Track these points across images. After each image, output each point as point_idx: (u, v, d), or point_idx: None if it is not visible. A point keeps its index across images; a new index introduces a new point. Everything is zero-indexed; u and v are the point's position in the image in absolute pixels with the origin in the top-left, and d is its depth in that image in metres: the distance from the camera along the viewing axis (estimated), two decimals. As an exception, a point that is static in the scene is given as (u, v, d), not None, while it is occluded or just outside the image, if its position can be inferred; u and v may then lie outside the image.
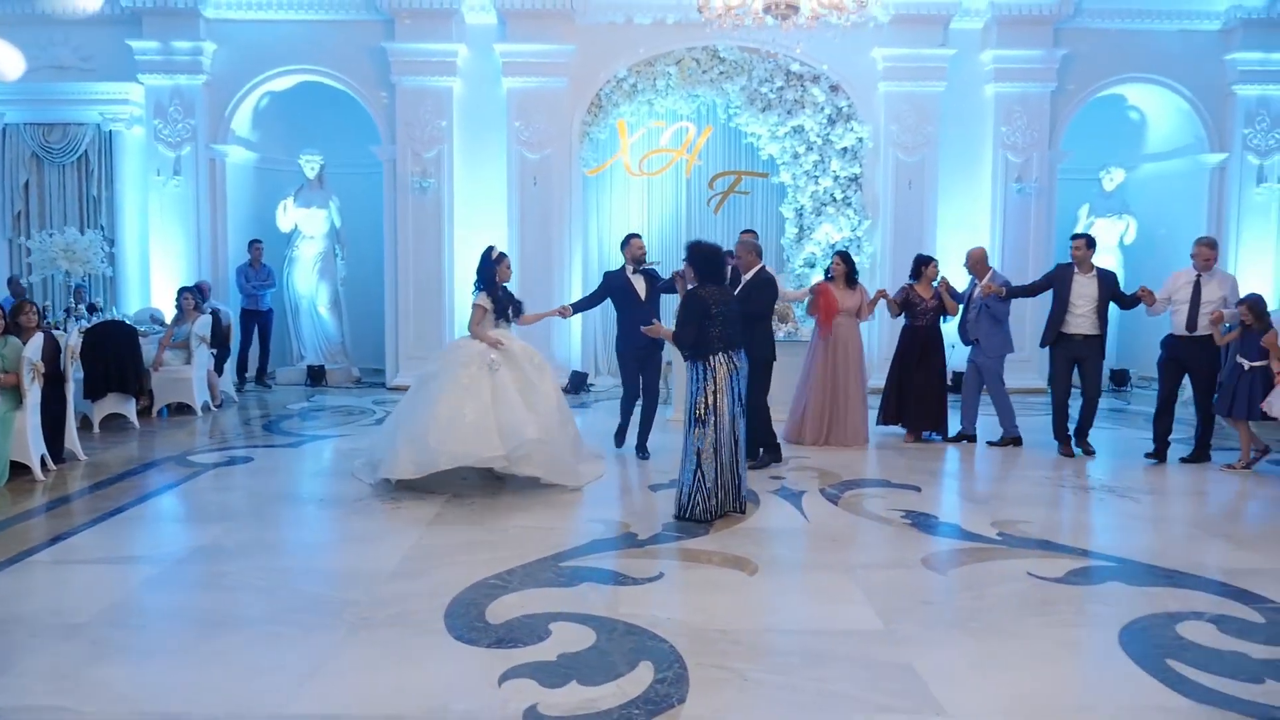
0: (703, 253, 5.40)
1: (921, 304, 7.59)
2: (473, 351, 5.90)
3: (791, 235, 10.77)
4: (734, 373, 5.27)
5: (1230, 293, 6.75)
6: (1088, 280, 7.09)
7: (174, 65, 10.24)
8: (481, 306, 6.06)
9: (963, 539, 4.97)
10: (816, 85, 10.46)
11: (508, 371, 5.85)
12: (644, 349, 6.75)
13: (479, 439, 5.57)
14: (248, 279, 10.57)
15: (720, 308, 5.26)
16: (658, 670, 3.34)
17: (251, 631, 3.71)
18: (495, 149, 10.55)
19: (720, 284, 5.42)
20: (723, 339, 5.26)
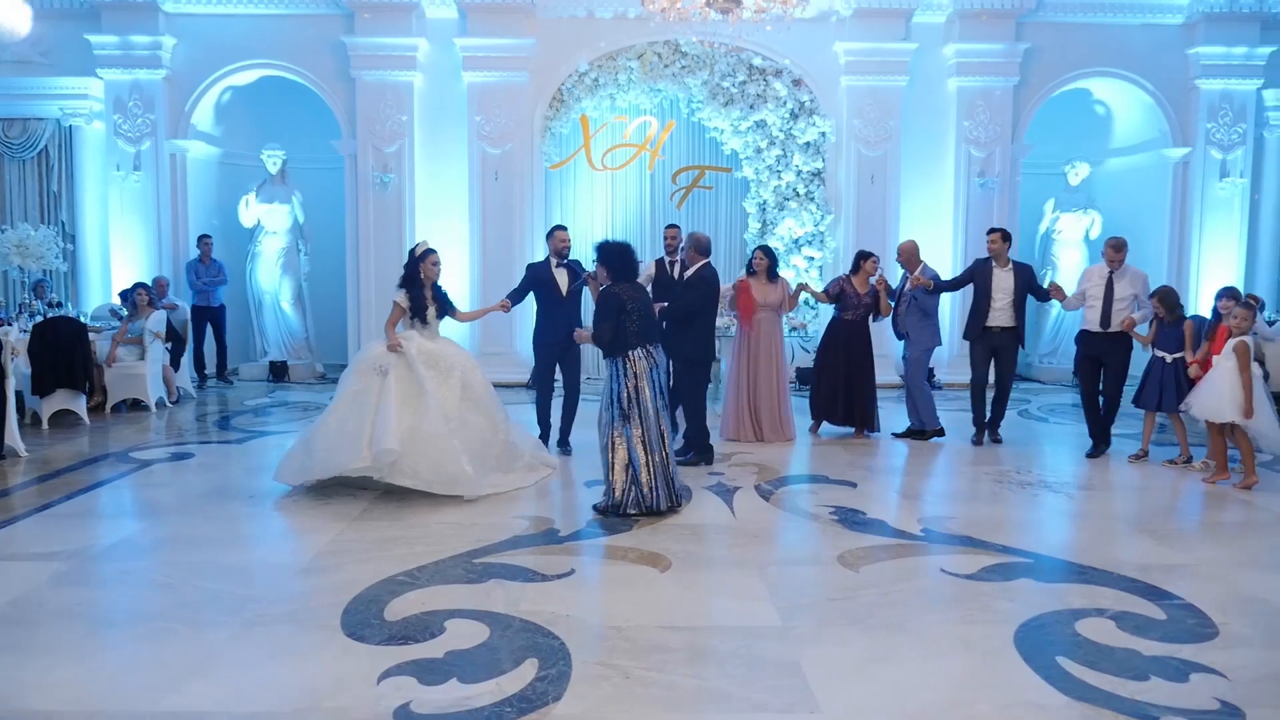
0: (613, 251, 5.44)
1: (855, 299, 7.56)
2: (372, 356, 5.75)
3: (755, 230, 10.74)
4: (653, 367, 5.29)
5: (1141, 289, 6.84)
6: (1005, 274, 7.22)
7: (133, 60, 10.20)
8: (399, 305, 5.89)
9: (886, 535, 4.96)
10: (779, 80, 10.43)
11: (399, 375, 5.63)
12: (561, 342, 6.71)
13: (350, 448, 5.40)
14: (198, 275, 10.51)
15: (634, 304, 5.30)
16: (541, 668, 3.33)
17: (144, 628, 3.70)
18: (457, 144, 10.52)
19: (632, 280, 5.44)
20: (639, 334, 5.28)
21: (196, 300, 10.53)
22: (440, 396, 5.61)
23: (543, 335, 6.90)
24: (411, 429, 5.47)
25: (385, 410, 5.45)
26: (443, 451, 5.47)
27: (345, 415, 5.53)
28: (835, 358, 7.57)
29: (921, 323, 7.51)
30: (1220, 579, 4.33)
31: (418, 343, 5.77)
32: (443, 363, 5.76)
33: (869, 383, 7.58)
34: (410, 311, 5.85)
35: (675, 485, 5.36)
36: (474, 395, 5.80)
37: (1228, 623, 3.76)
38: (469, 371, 5.86)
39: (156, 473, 6.42)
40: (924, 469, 6.77)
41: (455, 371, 5.77)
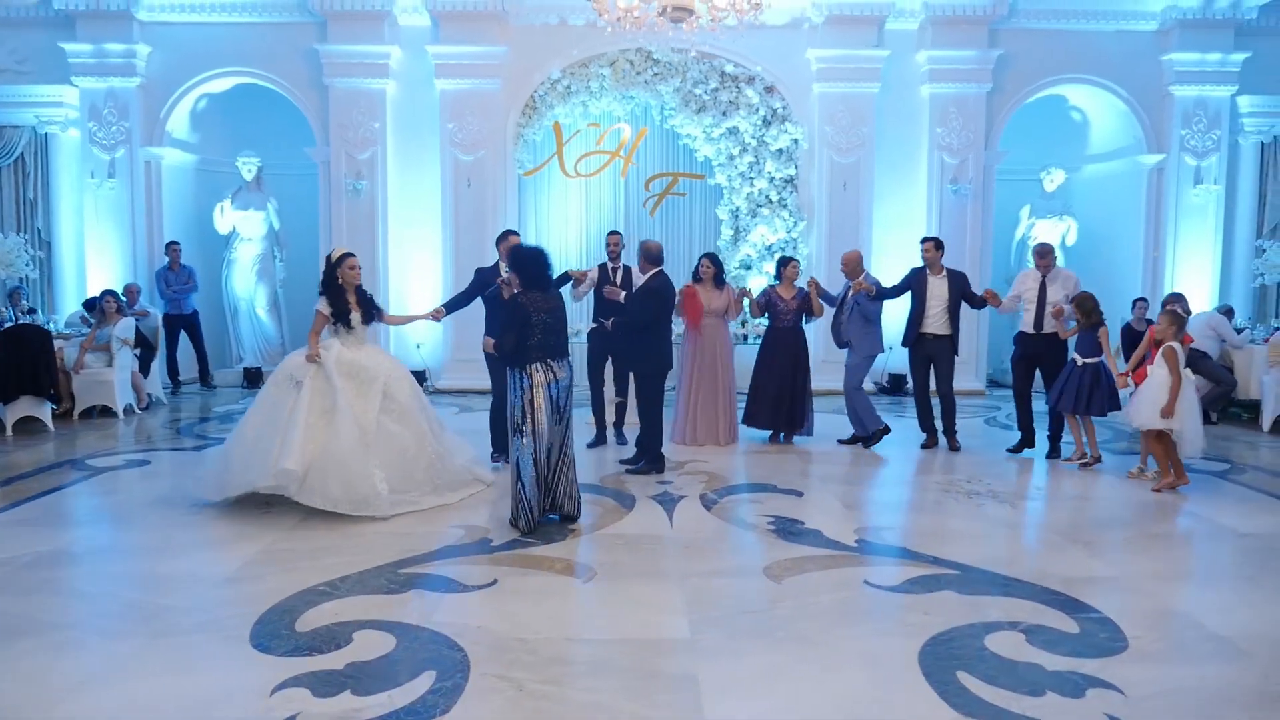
0: (525, 257, 5.27)
1: (783, 305, 7.63)
2: (289, 366, 5.63)
3: (728, 237, 10.74)
4: (552, 382, 5.17)
5: (1073, 291, 7.02)
6: (939, 281, 7.35)
7: (107, 68, 10.27)
8: (321, 314, 5.72)
9: (819, 546, 4.94)
10: (751, 87, 10.44)
11: (315, 387, 5.46)
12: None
13: (260, 465, 5.28)
14: (168, 283, 10.54)
15: (540, 315, 5.16)
16: (438, 680, 3.33)
17: (53, 638, 3.71)
18: (429, 150, 10.55)
19: (544, 290, 5.27)
20: (541, 348, 5.16)
21: (168, 308, 10.56)
22: (357, 409, 5.46)
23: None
24: (323, 446, 5.31)
25: (293, 426, 5.30)
26: (353, 470, 5.30)
27: (259, 429, 5.44)
28: (771, 366, 7.61)
29: (864, 329, 7.53)
30: (1144, 592, 4.31)
31: (337, 351, 5.61)
32: (363, 373, 5.60)
33: (803, 387, 7.65)
34: (333, 318, 5.71)
35: (573, 499, 5.31)
36: (397, 406, 5.63)
37: (1139, 637, 3.74)
38: (393, 381, 5.69)
39: (107, 480, 6.44)
40: (873, 478, 6.75)
41: (376, 382, 5.60)
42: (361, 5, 10.14)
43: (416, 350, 10.53)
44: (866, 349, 7.56)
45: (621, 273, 7.36)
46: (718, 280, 7.53)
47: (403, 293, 10.60)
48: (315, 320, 5.74)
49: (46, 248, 10.69)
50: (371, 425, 5.47)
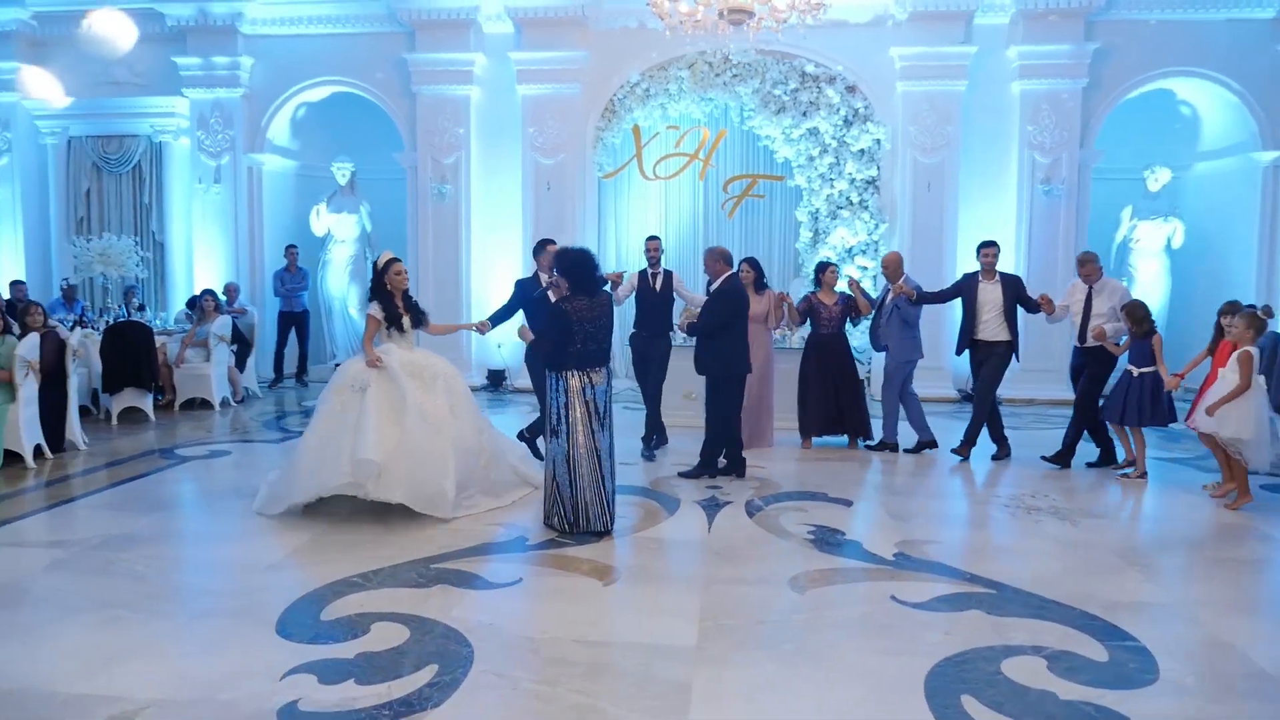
0: (570, 261, 5.20)
1: (825, 311, 7.55)
2: (351, 373, 5.61)
3: (806, 239, 10.59)
4: (587, 387, 5.10)
5: (1120, 301, 6.79)
6: (992, 287, 7.18)
7: (214, 79, 10.91)
8: (374, 318, 5.74)
9: (853, 558, 4.83)
10: (832, 86, 10.25)
11: (380, 389, 5.47)
12: None
13: (330, 467, 5.29)
14: (283, 282, 11.14)
15: (583, 325, 5.08)
16: (439, 674, 3.43)
17: (100, 615, 3.99)
18: (511, 155, 10.78)
19: (592, 295, 5.17)
20: (580, 356, 5.09)
21: (283, 305, 11.17)
22: (427, 405, 5.49)
23: (535, 353, 6.51)
24: (397, 442, 5.33)
25: (364, 424, 5.32)
26: (426, 467, 5.35)
27: (325, 435, 5.43)
28: (815, 373, 7.52)
29: (902, 334, 7.38)
30: (1195, 621, 4.05)
31: (398, 355, 5.66)
32: (426, 372, 5.66)
33: (857, 392, 7.54)
34: (385, 322, 5.76)
35: (608, 511, 5.14)
36: (458, 405, 5.69)
37: (1174, 669, 3.52)
38: (452, 380, 5.78)
39: (189, 469, 6.86)
40: (932, 490, 6.53)
41: (439, 380, 5.67)
42: (447, 15, 10.45)
43: (498, 350, 10.77)
44: (905, 354, 7.42)
45: (661, 278, 7.33)
46: (758, 285, 7.48)
47: (484, 295, 10.85)
48: (368, 326, 5.79)
49: (160, 249, 11.44)
50: (446, 419, 5.50)
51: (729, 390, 6.57)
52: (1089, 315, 6.88)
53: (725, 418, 6.55)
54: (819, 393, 7.50)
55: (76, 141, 11.42)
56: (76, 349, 7.46)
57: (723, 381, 6.55)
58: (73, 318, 9.42)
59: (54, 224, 11.46)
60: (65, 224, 11.37)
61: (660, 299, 7.34)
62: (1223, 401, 5.65)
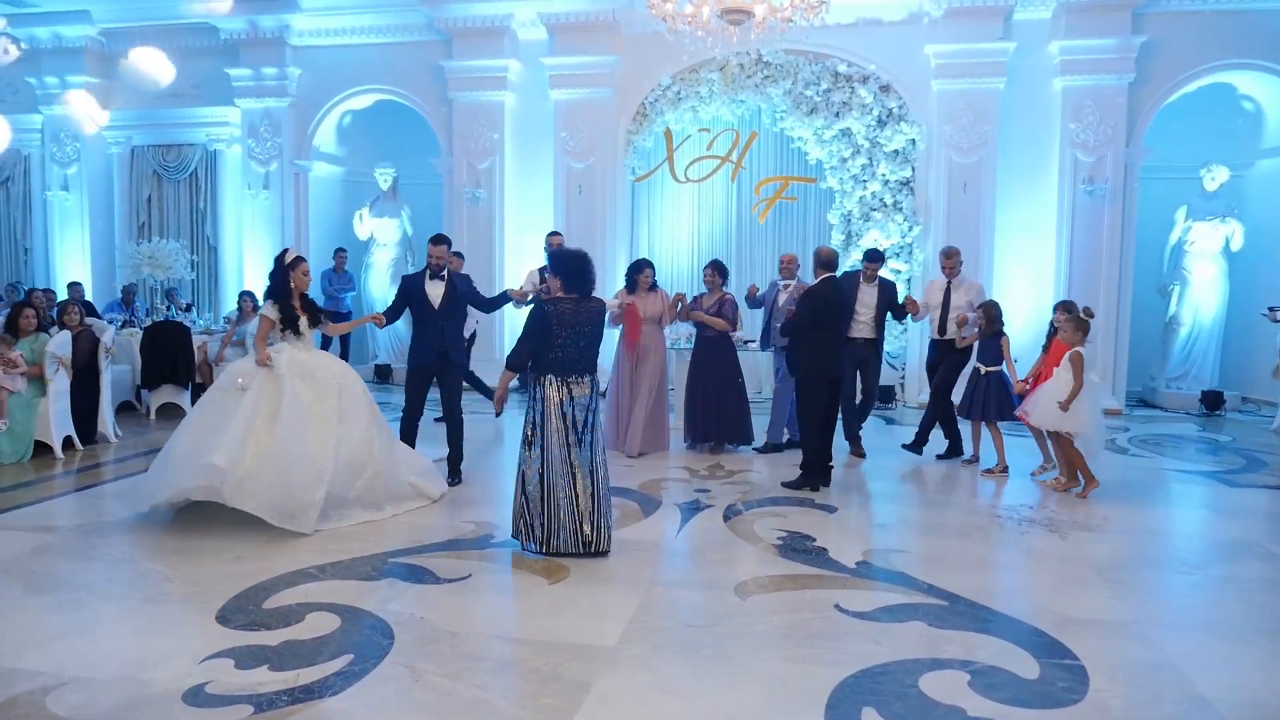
0: (564, 259, 4.95)
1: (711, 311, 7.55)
2: (233, 371, 5.46)
3: (838, 242, 10.38)
4: (566, 400, 4.77)
5: (975, 298, 7.34)
6: (870, 289, 7.44)
7: (264, 89, 11.36)
8: (267, 318, 5.49)
9: (813, 565, 4.72)
10: (865, 86, 10.05)
11: (261, 391, 5.25)
12: (433, 364, 6.27)
13: (180, 470, 5.09)
14: (331, 283, 11.51)
15: (566, 328, 4.77)
16: (351, 664, 3.50)
17: (61, 596, 4.20)
18: (544, 158, 10.90)
19: (580, 298, 4.87)
20: (562, 363, 4.78)
21: (327, 305, 11.53)
22: (316, 410, 5.29)
23: (414, 355, 6.34)
24: (265, 449, 5.10)
25: (229, 427, 5.09)
26: (291, 477, 5.07)
27: (197, 433, 5.22)
28: (699, 375, 7.53)
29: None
30: (1146, 641, 3.82)
31: (288, 354, 5.44)
32: (319, 373, 5.45)
33: (738, 396, 7.51)
34: (281, 324, 5.49)
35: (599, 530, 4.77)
36: (351, 410, 5.42)
37: (1103, 690, 3.34)
38: (348, 383, 5.52)
39: (204, 461, 7.14)
40: (928, 499, 6.32)
41: (332, 384, 5.44)
42: (483, 22, 10.64)
43: None
44: None
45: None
46: (652, 287, 7.49)
47: (517, 296, 10.98)
48: (260, 325, 5.54)
49: (213, 253, 11.96)
50: (331, 424, 5.27)
51: (815, 394, 6.33)
52: (948, 309, 7.38)
53: (811, 422, 6.33)
54: (700, 395, 7.49)
55: (139, 150, 12.05)
56: (109, 347, 7.85)
57: (809, 385, 6.34)
58: (122, 318, 9.91)
59: (118, 228, 12.10)
60: (128, 228, 12.00)
61: None
62: (1069, 401, 6.01)
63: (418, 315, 6.32)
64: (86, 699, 3.20)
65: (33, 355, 7.05)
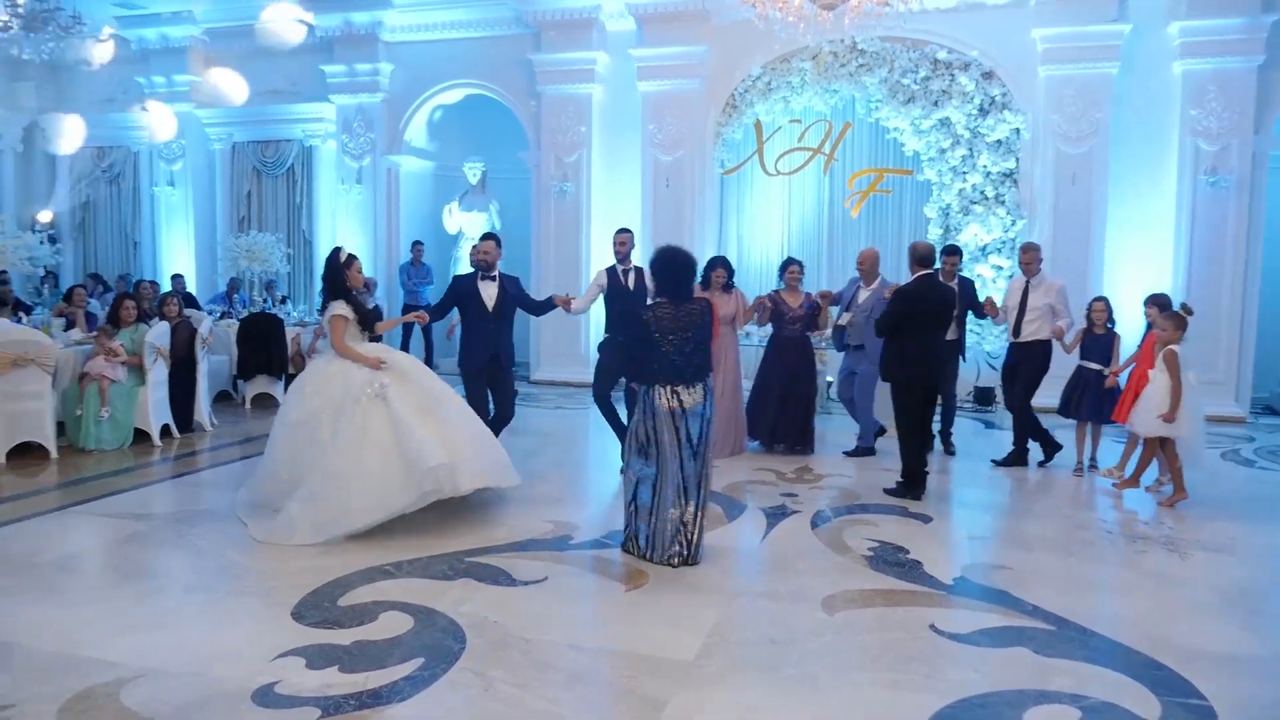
0: (663, 261, 4.61)
1: (789, 312, 7.21)
2: (355, 382, 5.07)
3: (936, 237, 9.94)
4: (679, 411, 4.52)
5: (1057, 299, 6.82)
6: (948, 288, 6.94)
7: (357, 85, 11.52)
8: (341, 317, 5.21)
9: (906, 580, 4.45)
10: (966, 73, 9.58)
11: (402, 391, 5.08)
12: (488, 365, 6.17)
13: (388, 490, 4.86)
14: (409, 276, 11.62)
15: (672, 335, 4.49)
16: (421, 668, 3.41)
17: (146, 585, 4.25)
18: (631, 152, 10.76)
19: (681, 301, 4.58)
20: (668, 371, 4.51)
21: (407, 299, 11.66)
22: (441, 395, 5.31)
23: (467, 357, 6.20)
24: (448, 435, 5.07)
25: (411, 431, 4.94)
26: (489, 444, 5.34)
27: (358, 457, 4.89)
28: (772, 375, 7.23)
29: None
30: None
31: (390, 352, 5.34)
32: (419, 366, 5.45)
33: (808, 402, 7.27)
34: (359, 323, 5.28)
35: (693, 543, 4.59)
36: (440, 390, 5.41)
37: (1237, 735, 3.00)
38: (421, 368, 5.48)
39: (291, 452, 7.24)
40: (1029, 509, 5.94)
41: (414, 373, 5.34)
42: (571, 15, 10.55)
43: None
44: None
45: (634, 275, 6.66)
46: (726, 286, 7.12)
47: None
48: (334, 326, 5.22)
49: (308, 246, 12.20)
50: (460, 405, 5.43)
51: (910, 400, 5.98)
52: (1025, 310, 6.86)
53: (906, 430, 6.00)
54: (772, 396, 7.19)
55: (239, 146, 12.37)
56: (206, 337, 8.04)
57: (903, 389, 6.01)
58: (220, 309, 10.19)
59: (219, 222, 12.46)
60: (229, 222, 12.34)
61: (635, 298, 6.46)
62: (1175, 408, 5.70)
63: (469, 317, 6.22)
64: (158, 693, 3.19)
65: (133, 345, 7.26)
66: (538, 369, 11.25)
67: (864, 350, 7.12)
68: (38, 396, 6.70)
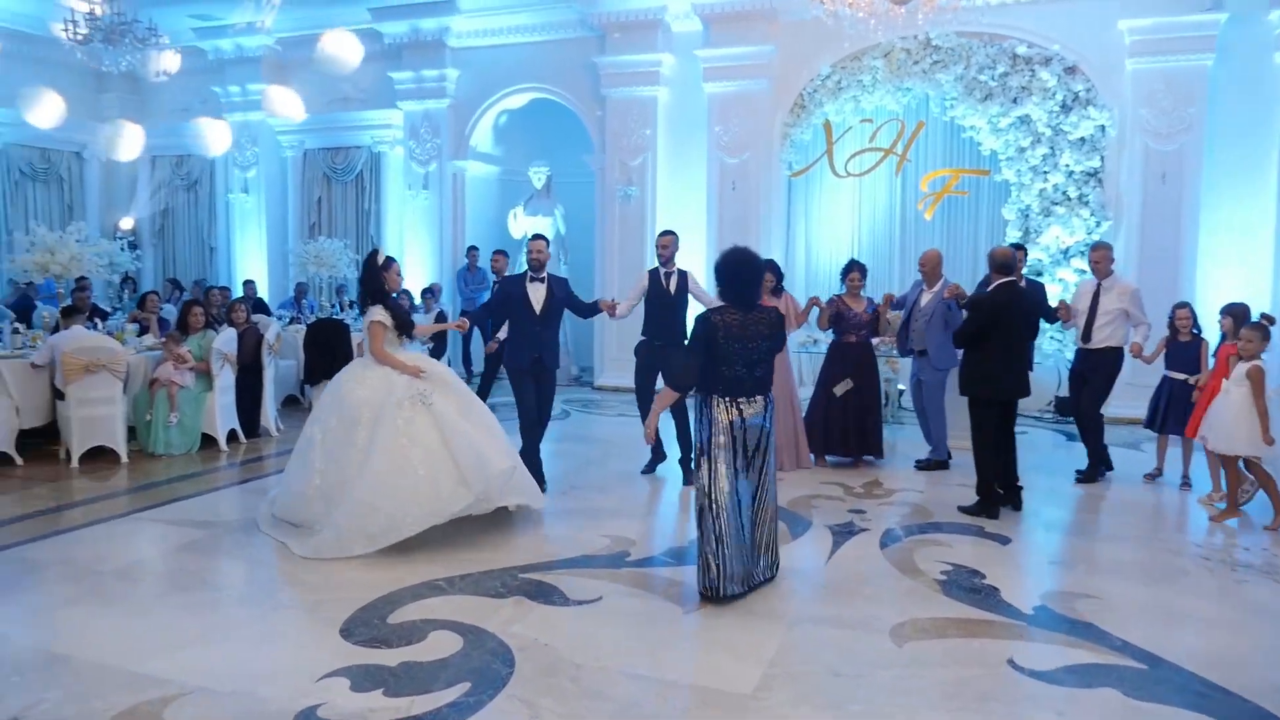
0: (730, 263, 4.28)
1: (854, 317, 6.92)
2: (400, 387, 4.99)
3: (1014, 239, 9.51)
4: (737, 422, 4.22)
5: (1130, 303, 6.49)
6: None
7: (424, 91, 11.58)
8: (380, 323, 5.11)
9: (982, 609, 4.17)
10: (1047, 68, 9.15)
11: (442, 399, 4.99)
12: (531, 367, 6.12)
13: (441, 493, 4.78)
14: (466, 283, 11.61)
15: (737, 344, 4.20)
16: (468, 693, 3.29)
17: (199, 596, 4.23)
18: (697, 154, 10.58)
19: (747, 307, 4.28)
20: (731, 382, 4.22)
21: (464, 305, 11.66)
22: (483, 408, 5.30)
23: (513, 358, 6.18)
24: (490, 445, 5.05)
25: (464, 435, 4.90)
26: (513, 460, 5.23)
27: (405, 461, 4.80)
28: (834, 383, 6.93)
29: (944, 339, 6.64)
30: None
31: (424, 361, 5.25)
32: (449, 375, 5.31)
33: (875, 408, 7.02)
34: (397, 329, 5.19)
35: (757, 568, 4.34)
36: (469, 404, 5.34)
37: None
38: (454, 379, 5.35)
39: (353, 459, 7.24)
40: (1116, 531, 5.55)
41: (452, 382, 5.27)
42: (636, 16, 10.42)
43: None
44: (946, 360, 6.76)
45: (675, 278, 6.53)
46: (775, 289, 6.83)
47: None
48: (373, 332, 5.13)
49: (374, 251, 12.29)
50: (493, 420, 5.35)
51: (985, 414, 5.67)
52: (1095, 314, 6.53)
53: (982, 444, 5.68)
54: (840, 406, 6.89)
55: (310, 153, 12.57)
56: (272, 343, 8.12)
57: (983, 404, 5.69)
58: (289, 314, 10.32)
59: (291, 228, 12.67)
60: (300, 228, 12.54)
61: (673, 302, 6.47)
62: (1265, 429, 5.35)
63: (515, 319, 6.23)
64: (202, 713, 3.13)
65: (200, 351, 7.36)
66: (601, 375, 11.15)
67: (927, 356, 6.88)
68: (109, 402, 6.83)
